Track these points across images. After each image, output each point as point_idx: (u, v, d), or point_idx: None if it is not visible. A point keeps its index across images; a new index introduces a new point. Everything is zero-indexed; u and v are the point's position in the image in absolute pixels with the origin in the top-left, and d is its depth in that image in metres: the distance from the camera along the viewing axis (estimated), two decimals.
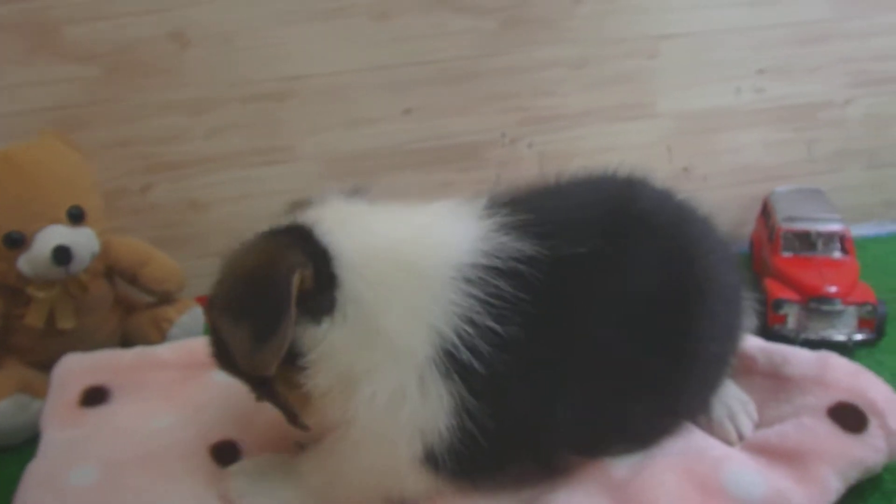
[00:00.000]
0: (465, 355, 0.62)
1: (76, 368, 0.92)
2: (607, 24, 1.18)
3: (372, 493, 0.70)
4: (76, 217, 1.02)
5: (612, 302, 0.67)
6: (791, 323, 1.08)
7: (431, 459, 0.65)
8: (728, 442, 0.80)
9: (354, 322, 0.63)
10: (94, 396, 0.89)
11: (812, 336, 1.05)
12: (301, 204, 0.71)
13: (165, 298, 1.15)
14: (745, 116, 1.26)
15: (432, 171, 1.22)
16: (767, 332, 1.05)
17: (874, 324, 1.06)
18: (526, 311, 0.63)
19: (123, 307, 1.16)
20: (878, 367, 1.00)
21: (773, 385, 0.87)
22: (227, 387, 0.87)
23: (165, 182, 1.18)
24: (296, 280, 0.61)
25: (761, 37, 1.22)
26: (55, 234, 0.98)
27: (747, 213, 1.31)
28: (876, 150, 1.32)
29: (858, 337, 1.06)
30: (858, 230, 1.32)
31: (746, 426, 0.81)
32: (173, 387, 0.92)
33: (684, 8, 1.19)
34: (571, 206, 0.70)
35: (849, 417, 0.78)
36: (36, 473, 0.76)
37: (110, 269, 1.11)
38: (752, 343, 0.94)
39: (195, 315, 1.15)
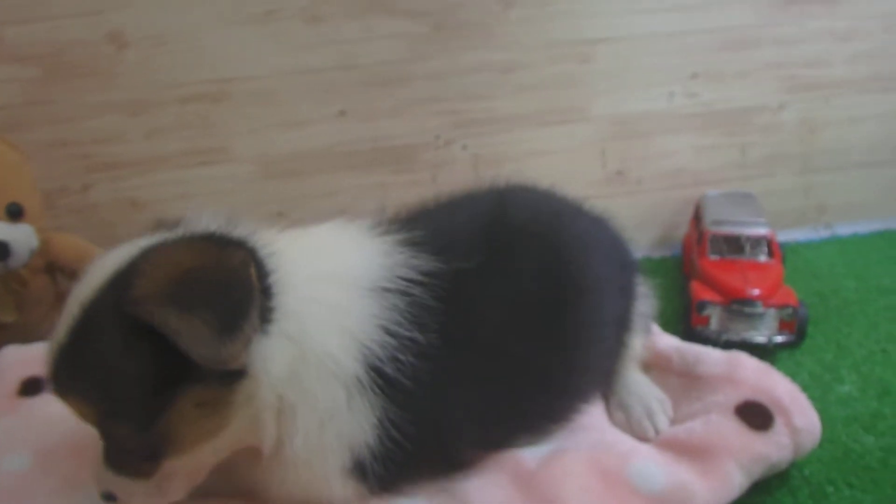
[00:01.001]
0: (389, 367, 0.62)
1: (15, 360, 0.92)
2: (539, 28, 1.16)
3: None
4: (15, 214, 1.02)
5: (499, 307, 0.69)
6: (714, 324, 1.07)
7: (359, 470, 0.65)
8: (646, 439, 0.81)
9: (290, 338, 0.60)
10: (32, 387, 0.89)
11: (734, 337, 1.04)
12: (167, 224, 0.66)
13: None
14: (678, 121, 1.25)
15: (367, 172, 1.21)
16: (690, 334, 1.05)
17: (795, 326, 1.05)
18: (437, 318, 0.65)
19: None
20: (796, 369, 1.00)
21: (687, 384, 0.88)
22: None
23: (105, 182, 1.18)
24: (252, 272, 0.58)
25: (693, 42, 1.21)
26: None
27: (680, 217, 1.30)
28: (809, 154, 1.31)
29: (779, 339, 1.04)
30: (790, 235, 1.32)
31: (663, 423, 0.83)
32: None
33: (617, 13, 1.18)
34: (453, 223, 0.73)
35: (755, 415, 0.78)
36: None
37: (52, 265, 1.10)
38: (668, 343, 0.94)
39: None
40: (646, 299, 0.89)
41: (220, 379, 0.57)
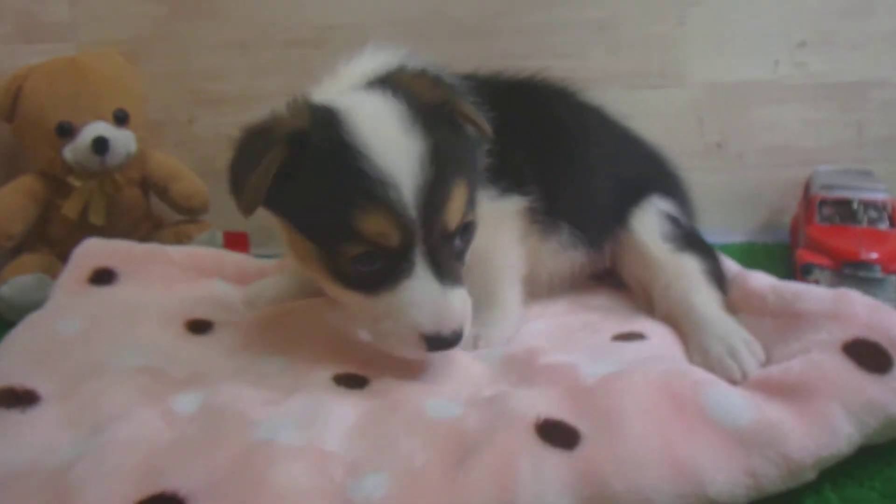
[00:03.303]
0: None
1: (93, 250, 0.92)
2: None
3: None
4: (120, 119, 1.06)
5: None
6: None
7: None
8: (731, 380, 0.66)
9: None
10: (103, 277, 0.88)
11: None
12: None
13: (191, 216, 1.14)
14: (784, 92, 1.10)
15: None
16: None
17: None
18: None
19: (154, 222, 1.16)
20: None
21: (783, 325, 0.71)
22: (224, 293, 0.89)
23: (209, 116, 1.19)
24: None
25: (798, 7, 1.07)
26: (99, 128, 1.02)
27: (787, 200, 1.12)
28: None
29: None
30: None
31: (750, 363, 0.67)
32: (174, 281, 0.91)
33: None
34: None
35: (868, 355, 0.61)
36: (29, 321, 0.78)
37: (146, 179, 1.12)
38: (763, 282, 0.79)
39: (213, 236, 1.12)
40: (687, 217, 0.87)
41: None
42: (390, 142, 0.63)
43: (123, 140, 1.04)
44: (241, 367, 0.72)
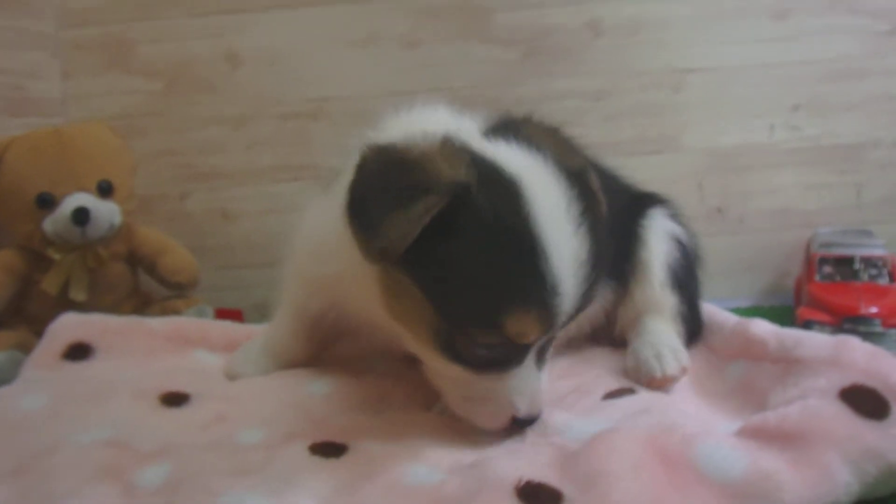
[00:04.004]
0: None
1: (69, 324, 0.86)
2: (628, 57, 1.09)
3: None
4: (104, 190, 1.00)
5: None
6: None
7: None
8: (653, 378, 0.72)
9: None
10: (78, 352, 0.82)
11: None
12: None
13: (179, 291, 1.08)
14: (781, 156, 1.10)
15: None
16: None
17: None
18: None
19: (142, 299, 1.08)
20: None
21: (783, 370, 0.70)
22: (206, 363, 0.85)
23: (202, 192, 1.15)
24: None
25: (792, 73, 1.09)
26: (80, 199, 0.97)
27: (790, 263, 1.10)
28: None
29: None
30: None
31: (672, 367, 0.73)
32: (155, 353, 0.85)
33: (709, 43, 1.10)
34: None
35: (865, 401, 0.59)
36: None
37: (132, 254, 1.05)
38: (765, 328, 0.77)
39: (202, 312, 1.06)
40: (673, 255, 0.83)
41: None
42: (564, 235, 0.56)
43: (107, 211, 0.98)
44: (215, 439, 0.67)
